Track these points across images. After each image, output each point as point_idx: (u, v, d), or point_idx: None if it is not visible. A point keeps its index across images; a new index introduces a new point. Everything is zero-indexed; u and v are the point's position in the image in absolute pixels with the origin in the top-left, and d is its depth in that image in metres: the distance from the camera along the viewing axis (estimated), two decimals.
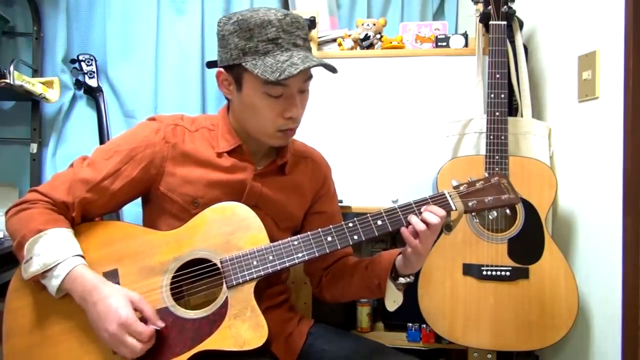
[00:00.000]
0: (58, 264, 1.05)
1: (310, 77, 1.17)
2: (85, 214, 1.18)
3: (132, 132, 1.25)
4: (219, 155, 1.22)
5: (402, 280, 1.19)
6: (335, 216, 1.38)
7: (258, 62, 1.09)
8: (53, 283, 1.05)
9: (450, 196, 1.15)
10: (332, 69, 1.15)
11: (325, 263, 1.34)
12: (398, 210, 1.13)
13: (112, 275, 1.11)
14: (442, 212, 1.10)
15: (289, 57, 1.09)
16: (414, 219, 1.11)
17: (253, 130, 1.20)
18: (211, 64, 1.25)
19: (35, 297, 1.11)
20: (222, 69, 1.18)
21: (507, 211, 1.19)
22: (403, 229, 1.12)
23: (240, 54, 1.11)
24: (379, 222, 1.13)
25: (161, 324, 1.05)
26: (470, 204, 1.14)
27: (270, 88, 1.12)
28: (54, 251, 1.06)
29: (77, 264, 1.07)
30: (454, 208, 1.13)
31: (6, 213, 1.17)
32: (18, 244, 1.09)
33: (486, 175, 1.57)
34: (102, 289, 1.04)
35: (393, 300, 1.22)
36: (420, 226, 1.09)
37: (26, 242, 1.07)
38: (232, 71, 1.16)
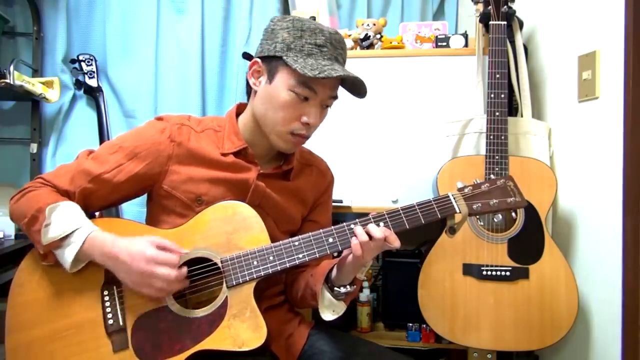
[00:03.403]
0: (76, 230, 1.08)
1: (336, 96, 1.20)
2: (86, 204, 1.19)
3: (139, 130, 1.26)
4: (224, 155, 1.22)
5: (342, 289, 1.16)
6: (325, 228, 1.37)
7: (299, 59, 1.12)
8: (69, 250, 1.07)
9: (454, 198, 1.14)
10: (365, 91, 1.20)
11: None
12: (401, 212, 1.12)
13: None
14: (381, 234, 1.07)
15: (330, 64, 1.13)
16: (358, 229, 1.09)
17: (267, 126, 1.20)
18: (247, 56, 1.26)
19: (39, 293, 1.11)
20: (258, 59, 1.20)
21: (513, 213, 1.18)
22: (353, 239, 1.09)
23: (285, 48, 1.14)
24: (381, 224, 1.12)
25: (185, 250, 1.10)
26: (474, 206, 1.13)
27: (301, 88, 1.13)
28: (71, 219, 1.10)
29: (94, 229, 1.10)
30: (457, 211, 1.12)
31: (11, 199, 1.18)
32: (32, 217, 1.10)
33: (487, 176, 1.57)
34: (120, 240, 1.08)
35: (332, 310, 1.18)
36: (364, 237, 1.08)
37: (44, 209, 1.08)
38: (269, 62, 1.17)
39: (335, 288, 1.17)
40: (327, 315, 1.18)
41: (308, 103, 1.16)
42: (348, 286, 1.16)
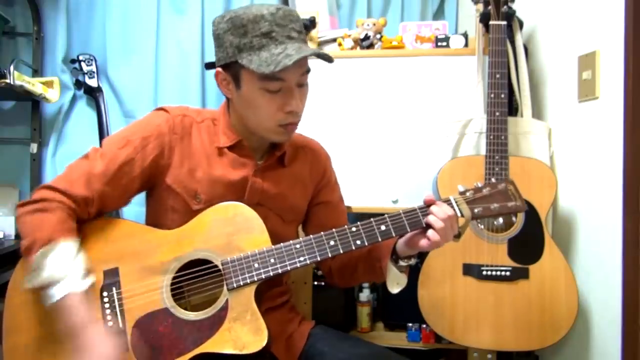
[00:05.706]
0: (57, 283, 1.03)
1: (308, 70, 1.17)
2: (103, 207, 1.17)
3: (142, 121, 1.25)
4: (220, 149, 1.22)
5: (403, 262, 1.17)
6: (339, 205, 1.39)
7: (253, 57, 1.09)
8: (49, 296, 1.03)
9: (456, 202, 1.13)
10: (328, 58, 1.15)
11: None
12: (402, 215, 1.12)
13: (112, 274, 1.11)
14: (451, 212, 1.09)
15: (283, 50, 1.09)
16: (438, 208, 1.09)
17: (255, 127, 1.20)
18: (210, 66, 1.25)
19: (37, 295, 1.10)
20: (220, 69, 1.18)
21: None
22: (429, 220, 1.09)
23: (236, 51, 1.11)
24: (383, 227, 1.11)
25: None
26: (476, 210, 1.12)
27: (268, 83, 1.11)
28: (57, 269, 1.04)
29: (71, 291, 1.03)
30: (460, 214, 1.12)
31: (22, 206, 1.12)
32: (27, 249, 1.06)
33: (487, 177, 1.57)
34: (89, 329, 1.02)
35: (396, 282, 1.19)
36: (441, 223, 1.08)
37: (34, 252, 1.04)
38: (230, 70, 1.16)
39: (400, 261, 1.17)
40: (395, 288, 1.19)
41: (283, 92, 1.14)
42: (412, 258, 1.17)
